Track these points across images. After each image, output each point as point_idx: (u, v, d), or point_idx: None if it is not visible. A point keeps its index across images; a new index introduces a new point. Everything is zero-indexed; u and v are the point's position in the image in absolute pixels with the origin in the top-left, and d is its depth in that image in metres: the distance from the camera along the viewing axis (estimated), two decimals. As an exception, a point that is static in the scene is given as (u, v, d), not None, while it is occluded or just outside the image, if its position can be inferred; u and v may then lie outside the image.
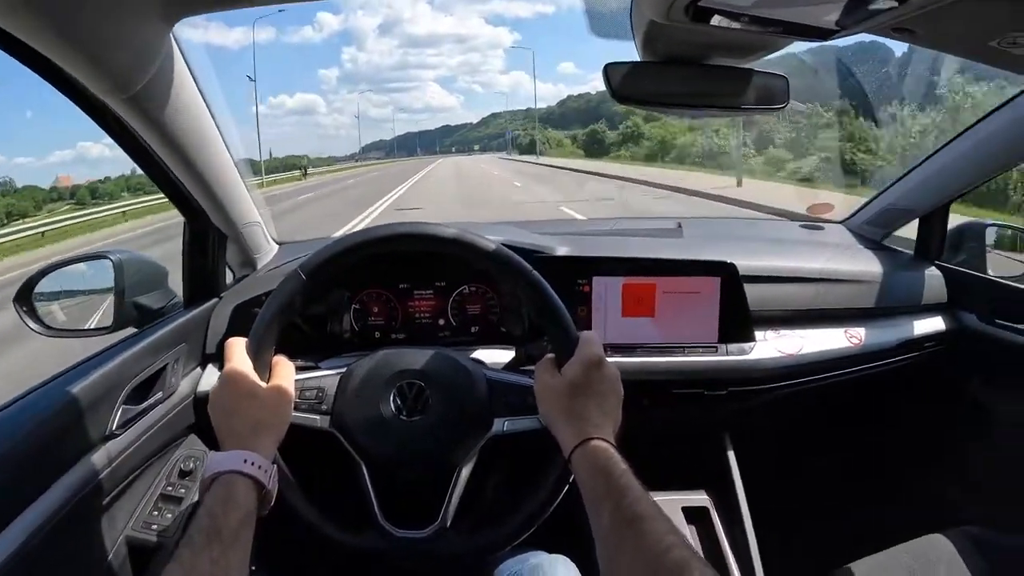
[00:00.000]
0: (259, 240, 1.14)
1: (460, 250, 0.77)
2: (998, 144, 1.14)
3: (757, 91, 0.91)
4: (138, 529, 0.87)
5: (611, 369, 0.70)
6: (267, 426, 0.69)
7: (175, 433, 0.97)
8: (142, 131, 0.79)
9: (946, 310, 1.20)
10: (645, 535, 0.53)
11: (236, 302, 1.06)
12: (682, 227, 1.28)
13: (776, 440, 1.29)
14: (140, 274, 1.05)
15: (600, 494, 0.59)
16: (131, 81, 0.70)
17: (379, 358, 0.81)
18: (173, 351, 0.96)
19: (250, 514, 0.61)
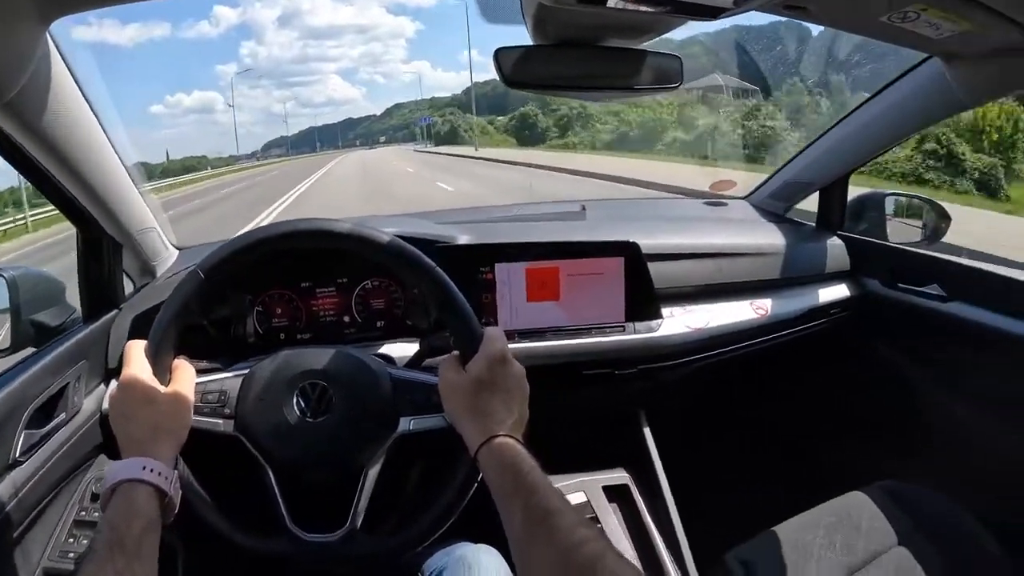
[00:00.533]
0: (156, 246, 1.11)
1: (356, 245, 0.76)
2: (892, 117, 1.19)
3: (650, 72, 0.92)
4: (55, 559, 0.83)
5: (516, 366, 0.70)
6: (167, 431, 0.67)
7: (83, 455, 0.93)
8: (21, 138, 0.76)
9: (849, 277, 1.24)
10: (556, 531, 0.53)
11: (136, 312, 1.03)
12: (586, 209, 1.30)
13: (691, 413, 1.32)
14: (36, 290, 1.01)
15: (509, 492, 0.59)
16: (4, 86, 0.67)
17: (281, 359, 0.79)
18: (74, 369, 0.93)
19: (153, 522, 0.60)
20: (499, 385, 0.68)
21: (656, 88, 0.96)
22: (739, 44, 11.90)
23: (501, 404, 0.67)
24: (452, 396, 0.70)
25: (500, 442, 0.63)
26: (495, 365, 0.68)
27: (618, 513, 1.09)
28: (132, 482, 0.60)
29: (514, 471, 0.60)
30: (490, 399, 0.67)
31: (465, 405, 0.68)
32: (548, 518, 0.54)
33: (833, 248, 1.25)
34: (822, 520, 1.01)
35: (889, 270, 1.24)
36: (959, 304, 1.15)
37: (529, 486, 0.58)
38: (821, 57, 10.66)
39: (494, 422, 0.65)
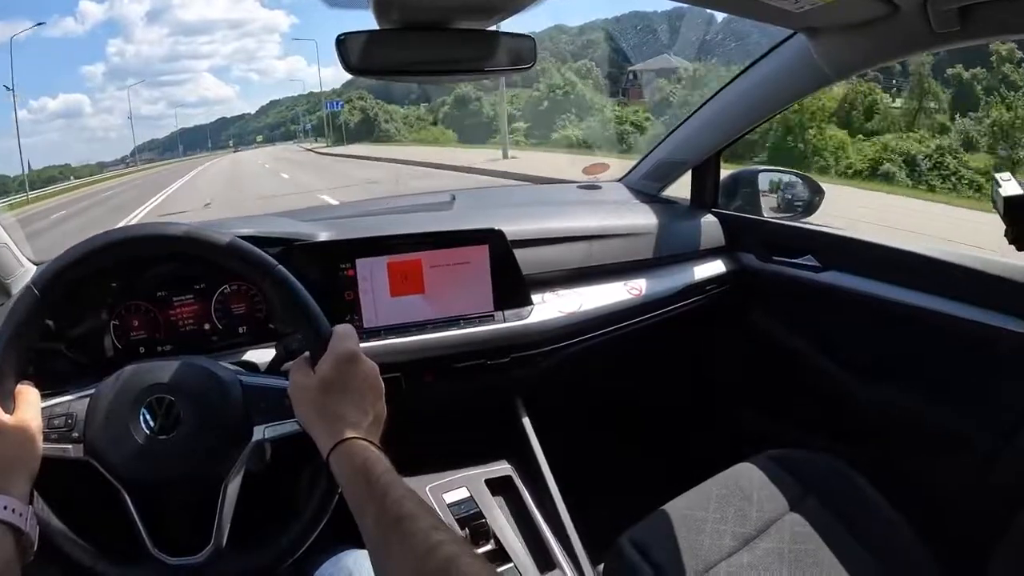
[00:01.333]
0: (9, 263, 1.03)
1: (193, 247, 0.71)
2: (761, 94, 1.22)
3: (502, 53, 0.90)
4: None
5: (367, 363, 0.67)
6: (16, 465, 0.62)
7: None
8: None
9: (725, 253, 1.27)
10: (411, 535, 0.51)
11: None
12: (456, 199, 1.28)
13: (571, 398, 1.31)
14: None
15: (361, 497, 0.56)
16: None
17: (124, 375, 0.73)
18: None
19: (10, 563, 0.55)
20: (349, 385, 0.65)
21: (509, 69, 0.94)
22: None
23: (352, 405, 0.64)
24: (301, 399, 0.67)
25: (350, 445, 0.61)
26: (343, 364, 0.65)
27: (503, 506, 1.07)
28: None
29: (365, 475, 0.57)
30: (340, 400, 0.64)
31: (314, 408, 0.65)
32: (401, 523, 0.52)
33: (707, 225, 1.27)
34: (712, 493, 1.02)
35: (764, 244, 1.27)
36: (833, 273, 1.19)
37: (382, 489, 0.55)
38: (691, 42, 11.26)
39: (345, 424, 0.62)
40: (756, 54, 1.20)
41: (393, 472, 0.58)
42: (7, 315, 0.67)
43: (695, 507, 1.01)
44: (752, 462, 1.06)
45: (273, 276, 0.70)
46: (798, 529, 0.94)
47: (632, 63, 16.34)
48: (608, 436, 1.36)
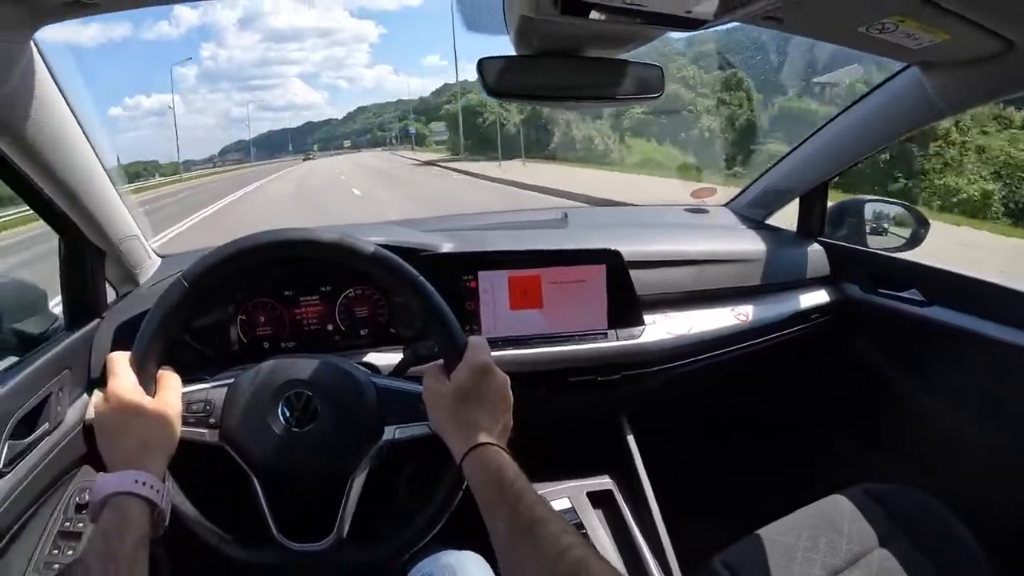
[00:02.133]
0: (139, 255, 1.11)
1: (341, 255, 0.76)
2: (872, 125, 1.21)
3: (632, 81, 0.93)
4: (39, 570, 0.83)
5: (500, 375, 0.71)
6: (156, 443, 0.67)
7: (66, 465, 0.93)
8: (4, 146, 0.76)
9: (830, 283, 1.26)
10: (542, 539, 0.54)
11: (120, 321, 1.02)
12: (568, 217, 1.31)
13: (674, 418, 1.33)
14: (18, 298, 1.01)
15: (494, 501, 0.59)
16: None
17: (266, 369, 0.79)
18: (57, 379, 0.93)
19: (145, 536, 0.59)
20: (483, 395, 0.68)
21: (637, 98, 0.97)
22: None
23: (485, 413, 0.67)
24: (436, 405, 0.70)
25: (484, 451, 0.64)
26: (478, 375, 0.69)
27: (603, 519, 1.10)
28: (124, 495, 0.60)
29: (499, 480, 0.60)
30: (474, 408, 0.67)
31: (449, 414, 0.68)
32: (533, 526, 0.55)
33: (813, 254, 1.26)
34: (805, 523, 1.02)
35: (869, 275, 1.26)
36: (937, 308, 1.17)
37: (514, 495, 0.58)
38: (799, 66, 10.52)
39: (478, 431, 0.65)
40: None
41: (524, 478, 0.60)
42: (156, 304, 0.73)
43: (787, 534, 1.01)
44: (845, 494, 1.06)
45: (415, 286, 0.74)
46: (886, 564, 0.94)
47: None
48: (707, 457, 1.37)
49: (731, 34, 12.44)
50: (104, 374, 0.99)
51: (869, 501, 1.04)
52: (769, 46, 10.13)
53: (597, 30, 0.83)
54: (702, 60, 12.46)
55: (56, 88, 0.80)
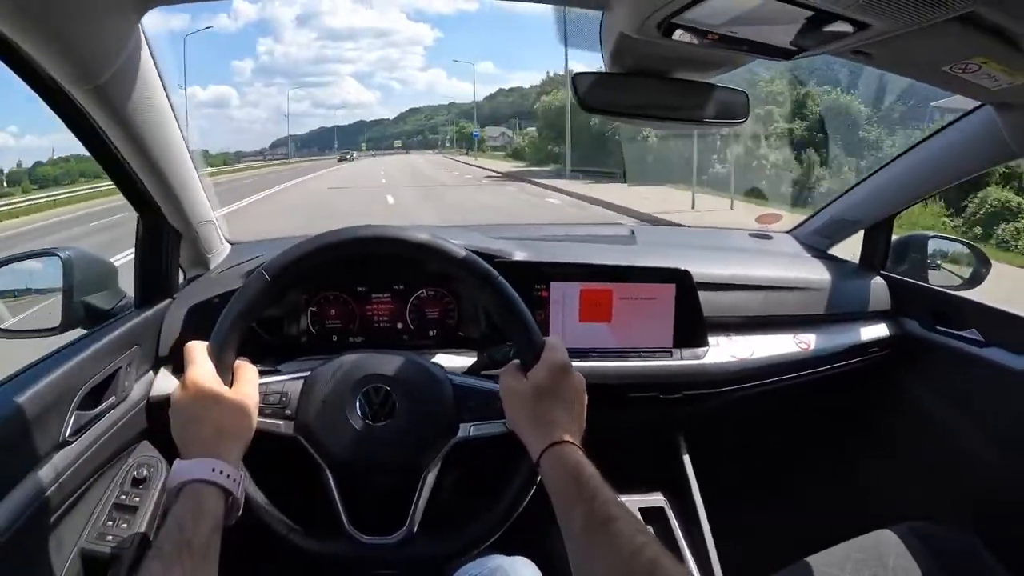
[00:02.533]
0: (213, 240, 1.13)
1: (428, 255, 0.76)
2: (942, 161, 1.20)
3: (718, 106, 0.95)
4: (92, 540, 0.84)
5: (577, 375, 0.71)
6: (233, 433, 0.67)
7: (127, 440, 0.94)
8: (103, 123, 0.78)
9: (890, 317, 1.25)
10: (617, 536, 0.55)
11: (191, 303, 1.03)
12: (635, 234, 1.31)
13: (729, 441, 1.33)
14: (89, 272, 1.02)
15: (571, 497, 0.60)
16: (97, 71, 0.69)
17: (345, 362, 0.80)
18: (126, 354, 0.94)
19: (218, 525, 0.60)
20: (560, 393, 0.69)
21: (723, 122, 0.98)
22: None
23: (563, 411, 0.68)
24: (514, 403, 0.71)
25: (562, 448, 0.64)
26: (557, 373, 0.70)
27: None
28: (200, 483, 0.61)
29: (576, 477, 0.61)
30: (552, 407, 0.68)
31: (527, 412, 0.69)
32: (609, 523, 0.56)
33: (875, 287, 1.26)
34: (852, 555, 1.02)
35: (929, 312, 1.25)
36: (997, 350, 1.16)
37: (592, 491, 0.59)
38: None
39: (557, 429, 0.66)
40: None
41: (599, 477, 0.61)
42: (236, 296, 0.73)
43: (833, 565, 1.01)
44: (893, 530, 1.05)
45: (494, 286, 0.74)
46: None
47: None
48: (759, 481, 1.37)
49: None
50: (172, 354, 1.01)
51: (914, 538, 1.03)
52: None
53: (690, 53, 0.84)
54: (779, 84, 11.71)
55: (156, 72, 0.81)
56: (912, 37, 0.61)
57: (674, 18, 0.64)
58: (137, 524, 0.87)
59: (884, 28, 0.59)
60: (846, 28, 0.61)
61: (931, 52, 0.72)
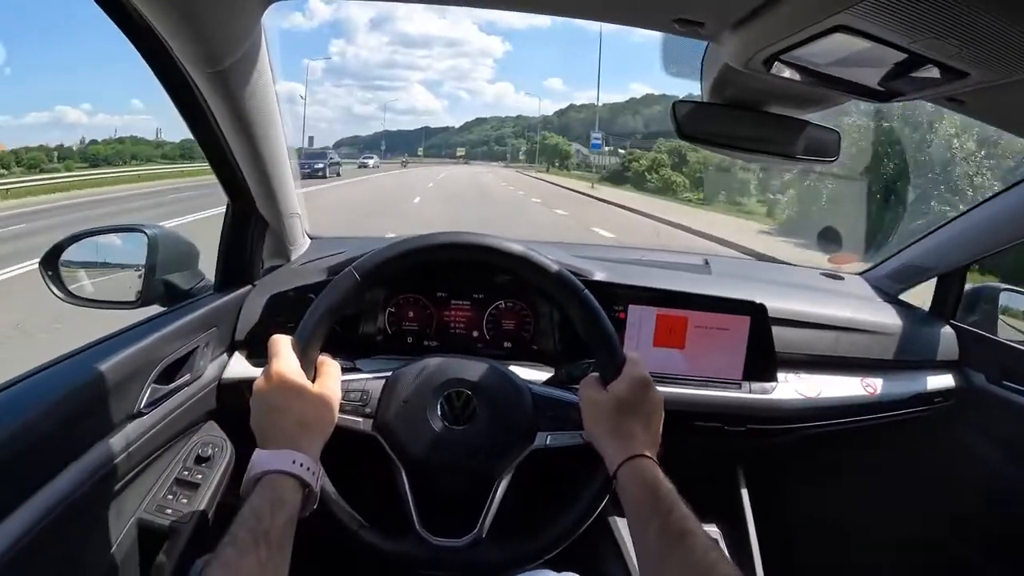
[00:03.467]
0: (296, 232, 1.14)
1: (521, 266, 0.77)
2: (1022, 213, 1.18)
3: (810, 143, 0.95)
4: (151, 512, 0.85)
5: (657, 392, 0.72)
6: (314, 427, 0.68)
7: (196, 418, 0.96)
8: (215, 108, 0.80)
9: (957, 368, 1.23)
10: (692, 550, 0.56)
11: (271, 292, 1.05)
12: (709, 264, 1.30)
13: (788, 479, 1.31)
14: (173, 252, 1.05)
15: (648, 509, 0.61)
16: (221, 56, 0.71)
17: (429, 365, 0.81)
18: (204, 335, 0.96)
19: (294, 516, 0.61)
20: (641, 408, 0.70)
21: (813, 159, 0.97)
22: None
23: (641, 426, 0.69)
24: (594, 415, 0.72)
25: (641, 462, 0.65)
26: (638, 388, 0.71)
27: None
28: (280, 474, 0.61)
29: (654, 490, 0.62)
30: (631, 420, 0.69)
31: (607, 424, 0.70)
32: (684, 538, 0.57)
33: (944, 336, 1.24)
34: None
35: (998, 365, 1.23)
36: None
37: (668, 505, 0.60)
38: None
39: (636, 442, 0.67)
40: None
41: (676, 492, 0.62)
42: (325, 292, 0.74)
43: None
44: None
45: (582, 300, 0.75)
46: None
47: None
48: (813, 522, 1.35)
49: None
50: (248, 339, 1.03)
51: None
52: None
53: (788, 89, 0.84)
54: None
55: (270, 66, 0.83)
56: (1009, 88, 0.60)
57: (782, 55, 0.64)
58: (197, 501, 0.88)
59: (982, 78, 0.59)
60: (944, 76, 0.60)
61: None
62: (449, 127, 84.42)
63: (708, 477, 1.17)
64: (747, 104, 0.92)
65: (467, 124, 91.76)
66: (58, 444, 0.68)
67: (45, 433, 0.66)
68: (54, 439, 0.67)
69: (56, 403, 0.68)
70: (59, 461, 0.67)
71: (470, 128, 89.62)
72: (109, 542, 0.79)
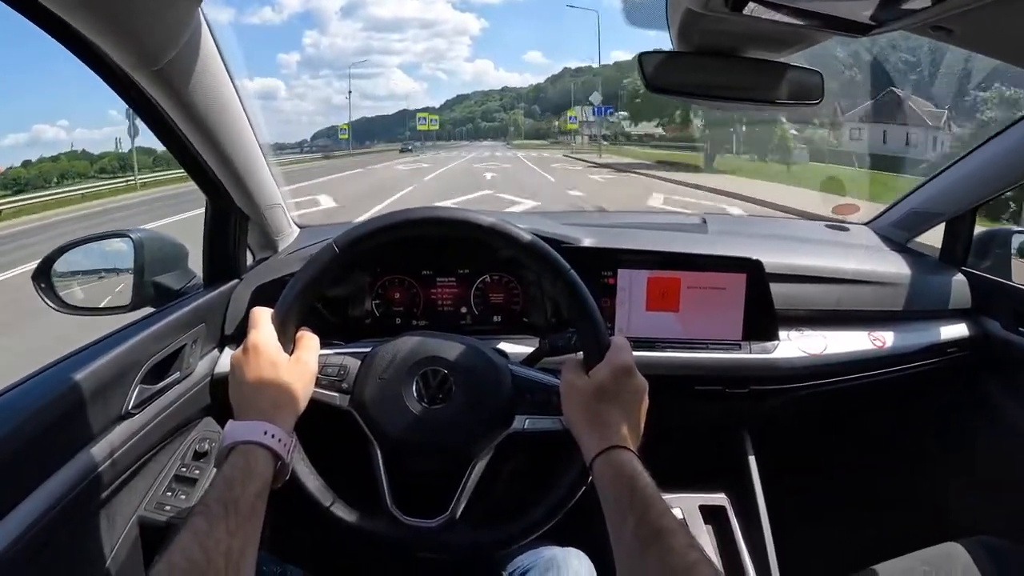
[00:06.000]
0: (281, 223, 1.14)
1: (496, 239, 0.75)
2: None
3: (791, 86, 0.91)
4: (151, 510, 0.86)
5: (640, 379, 0.69)
6: (288, 399, 0.67)
7: (190, 415, 0.96)
8: (166, 106, 0.79)
9: (970, 316, 1.19)
10: (670, 551, 0.53)
11: (257, 284, 1.05)
12: (707, 223, 1.27)
13: (795, 441, 1.28)
14: (160, 253, 1.05)
15: (624, 505, 0.58)
16: (159, 55, 0.69)
17: (405, 343, 0.79)
18: (192, 332, 0.96)
19: (266, 487, 0.60)
20: (622, 396, 0.67)
21: (796, 103, 0.93)
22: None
23: (621, 415, 0.66)
24: (573, 400, 0.69)
25: (618, 454, 0.62)
26: (620, 375, 0.68)
27: (712, 534, 1.07)
28: (251, 444, 0.61)
29: (630, 485, 0.59)
30: (611, 409, 0.66)
31: (585, 412, 0.67)
32: (661, 536, 0.54)
33: (956, 284, 1.19)
34: (917, 568, 0.97)
35: (1013, 312, 1.18)
36: None
37: (645, 501, 0.57)
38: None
39: (613, 433, 0.64)
40: None
41: (654, 486, 0.59)
42: (304, 267, 0.73)
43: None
44: (962, 543, 1.00)
45: (566, 278, 0.72)
46: None
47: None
48: (823, 484, 1.32)
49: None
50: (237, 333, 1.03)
51: (984, 554, 0.98)
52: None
53: (760, 30, 0.80)
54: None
55: (219, 57, 0.82)
56: (999, 9, 0.56)
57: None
58: (196, 495, 0.89)
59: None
60: (925, 0, 0.56)
61: (1020, 27, 0.67)
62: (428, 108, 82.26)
63: (714, 444, 1.14)
64: (719, 50, 0.88)
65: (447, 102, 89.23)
66: (46, 449, 0.68)
67: (32, 440, 0.66)
68: (42, 445, 0.67)
69: (41, 410, 0.68)
70: (48, 466, 0.67)
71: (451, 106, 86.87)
72: (110, 541, 0.79)
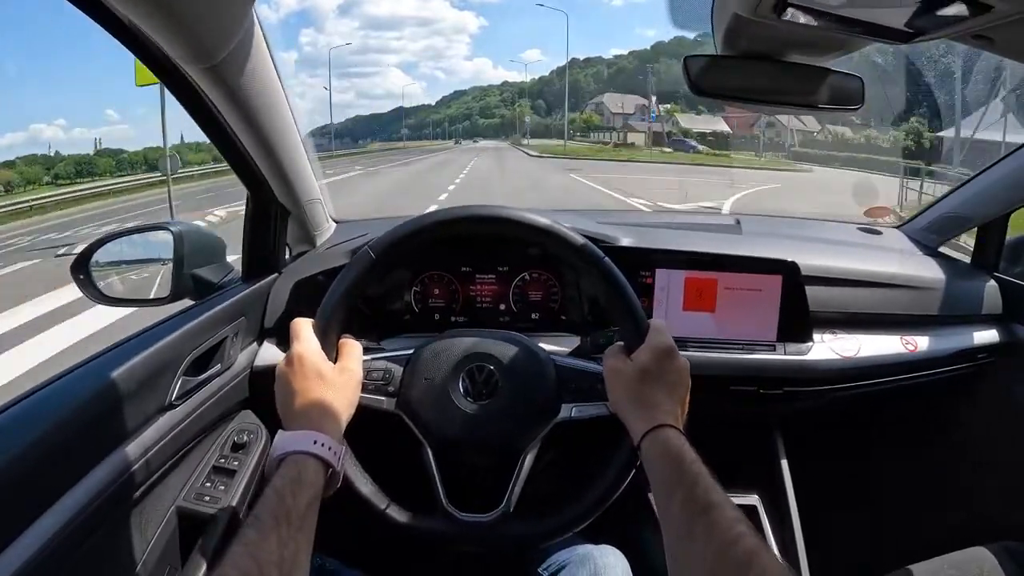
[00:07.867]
0: (319, 217, 1.15)
1: (541, 237, 0.76)
2: None
3: (833, 91, 0.92)
4: (190, 500, 0.87)
5: (682, 359, 0.70)
6: (336, 407, 0.68)
7: (230, 407, 0.97)
8: (218, 102, 0.80)
9: (1000, 322, 1.19)
10: (716, 523, 0.53)
11: (296, 278, 1.06)
12: (740, 223, 1.27)
13: (826, 442, 1.28)
14: (198, 246, 1.06)
15: (672, 481, 0.59)
16: (213, 51, 0.70)
17: (448, 341, 0.80)
18: (232, 325, 0.97)
19: (317, 496, 0.61)
20: (665, 376, 0.68)
21: (837, 108, 0.94)
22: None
23: (666, 395, 0.67)
24: (617, 384, 0.70)
25: (665, 432, 0.63)
26: (662, 356, 0.69)
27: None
28: (302, 454, 0.61)
29: (678, 461, 0.60)
30: (655, 389, 0.67)
31: (630, 394, 0.68)
32: (709, 510, 0.55)
33: (988, 290, 1.19)
34: (943, 571, 0.98)
35: None
36: None
37: (693, 476, 0.58)
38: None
39: (659, 412, 0.65)
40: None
41: (701, 462, 0.60)
42: (343, 273, 0.74)
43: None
44: (989, 548, 1.00)
45: (602, 268, 0.73)
46: None
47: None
48: (855, 487, 1.32)
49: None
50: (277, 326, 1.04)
51: (1009, 560, 0.98)
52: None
53: (805, 36, 0.80)
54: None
55: (269, 55, 0.83)
56: None
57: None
58: (234, 487, 0.90)
59: (1008, 10, 0.54)
60: (969, 10, 0.56)
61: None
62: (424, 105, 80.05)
63: (747, 445, 1.15)
64: (763, 54, 0.89)
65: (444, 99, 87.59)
66: (92, 440, 0.69)
67: (79, 429, 0.67)
68: (88, 435, 0.68)
69: (88, 400, 0.69)
70: (94, 456, 0.69)
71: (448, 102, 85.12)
72: (150, 530, 0.80)
